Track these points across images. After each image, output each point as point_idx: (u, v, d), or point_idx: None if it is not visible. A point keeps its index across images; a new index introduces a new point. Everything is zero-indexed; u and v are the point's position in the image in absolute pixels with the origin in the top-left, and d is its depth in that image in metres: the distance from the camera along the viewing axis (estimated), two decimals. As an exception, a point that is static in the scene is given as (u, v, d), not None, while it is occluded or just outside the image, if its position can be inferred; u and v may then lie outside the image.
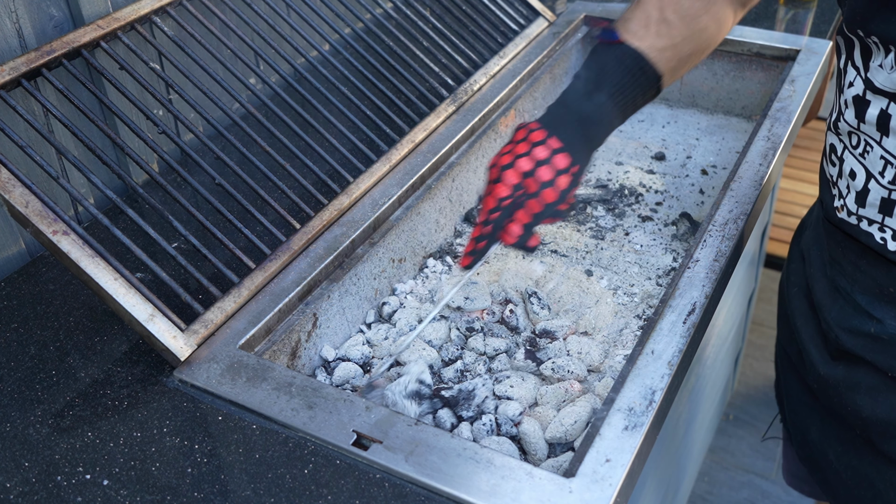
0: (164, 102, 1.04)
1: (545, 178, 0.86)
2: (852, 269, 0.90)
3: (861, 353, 0.91)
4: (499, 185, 0.88)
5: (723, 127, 1.46)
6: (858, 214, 0.86)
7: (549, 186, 0.87)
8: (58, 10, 1.03)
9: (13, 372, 0.89)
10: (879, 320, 0.88)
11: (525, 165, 0.87)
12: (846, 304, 0.92)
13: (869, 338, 0.90)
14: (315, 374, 0.99)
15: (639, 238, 1.21)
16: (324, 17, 1.25)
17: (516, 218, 0.88)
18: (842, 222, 0.89)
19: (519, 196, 0.88)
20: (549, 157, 0.86)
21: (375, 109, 1.23)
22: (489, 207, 0.89)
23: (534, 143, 0.87)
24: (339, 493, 0.74)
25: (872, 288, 0.88)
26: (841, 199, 0.89)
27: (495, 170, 0.89)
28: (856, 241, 0.88)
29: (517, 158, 0.87)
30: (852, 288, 0.91)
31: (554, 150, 0.87)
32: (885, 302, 0.88)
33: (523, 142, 0.88)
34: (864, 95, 0.81)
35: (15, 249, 1.04)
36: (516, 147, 0.88)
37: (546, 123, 0.88)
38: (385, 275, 1.09)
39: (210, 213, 1.08)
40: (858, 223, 0.87)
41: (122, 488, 0.76)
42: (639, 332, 1.04)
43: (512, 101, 1.32)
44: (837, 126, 0.88)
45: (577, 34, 1.50)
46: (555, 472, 0.78)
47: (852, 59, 0.83)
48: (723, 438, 2.09)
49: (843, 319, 0.92)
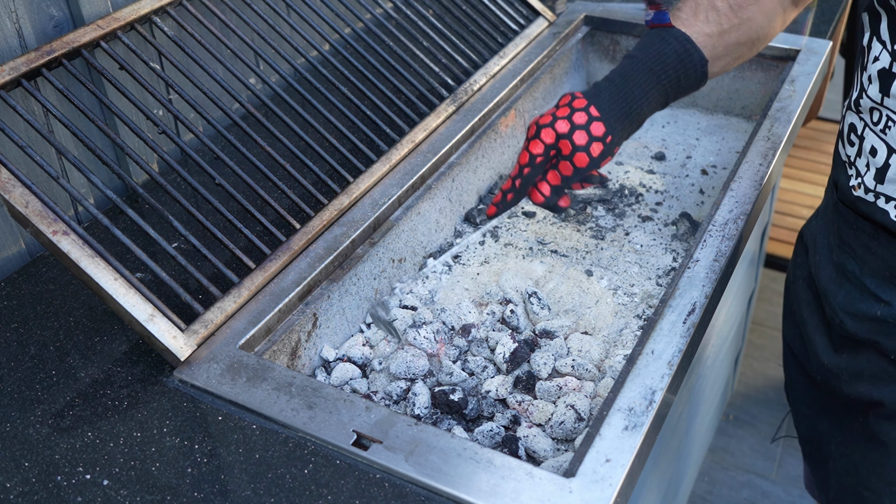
0: (164, 102, 1.04)
1: (579, 143, 0.91)
2: (863, 251, 0.91)
3: (866, 337, 0.92)
4: (534, 141, 0.93)
5: (723, 127, 1.46)
6: (876, 191, 0.87)
7: (582, 151, 0.91)
8: (58, 10, 1.03)
9: (13, 372, 0.89)
10: (888, 303, 0.90)
11: (562, 127, 0.92)
12: (853, 287, 0.93)
13: (875, 321, 0.91)
14: (315, 374, 0.99)
15: (639, 238, 1.21)
16: (324, 17, 1.25)
17: (547, 178, 0.94)
18: (857, 201, 0.90)
19: (553, 156, 0.93)
20: (586, 123, 0.91)
21: (375, 109, 1.23)
22: (522, 162, 0.94)
23: (574, 108, 0.92)
24: (339, 493, 0.74)
25: (883, 270, 0.90)
26: (858, 178, 0.90)
27: (534, 127, 0.93)
28: (869, 221, 0.89)
29: (556, 120, 0.92)
30: (861, 271, 0.92)
31: (592, 117, 0.91)
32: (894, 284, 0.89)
33: (565, 106, 0.93)
34: (891, 68, 0.82)
35: (15, 249, 1.04)
36: (558, 111, 0.93)
37: (589, 95, 0.93)
38: (385, 275, 1.09)
39: (210, 213, 1.08)
40: (875, 200, 0.88)
41: (122, 488, 0.76)
42: (639, 332, 1.04)
43: (512, 101, 1.32)
44: (859, 104, 0.89)
45: (577, 34, 1.50)
46: (555, 472, 0.78)
47: (878, 34, 0.84)
48: (723, 438, 2.09)
49: (850, 304, 0.93)
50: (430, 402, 0.92)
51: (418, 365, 0.95)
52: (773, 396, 2.19)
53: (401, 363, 0.95)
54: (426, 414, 0.91)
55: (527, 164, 0.94)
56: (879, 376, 0.92)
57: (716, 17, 0.93)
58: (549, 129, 0.92)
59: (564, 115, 0.92)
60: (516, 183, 0.95)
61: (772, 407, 2.17)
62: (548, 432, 0.90)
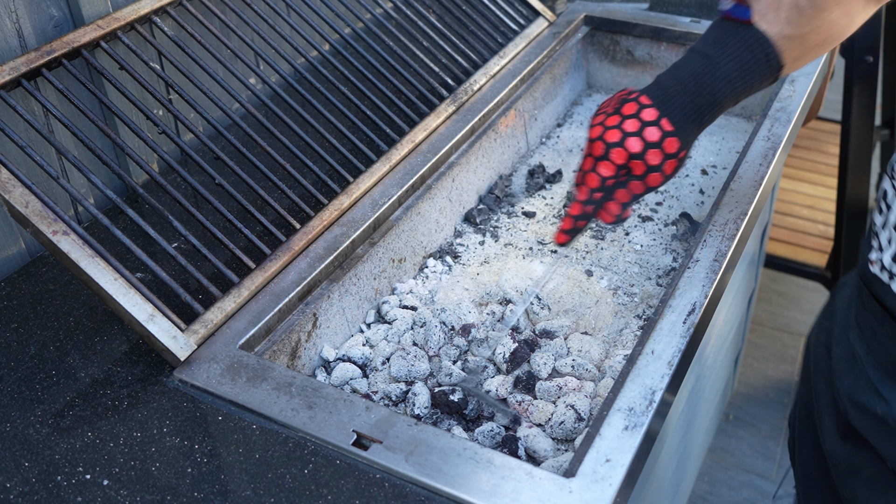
0: (164, 102, 1.04)
1: (653, 163, 0.84)
2: (871, 336, 0.85)
3: (866, 435, 0.85)
4: (604, 163, 0.85)
5: (723, 127, 1.46)
6: (891, 272, 0.81)
7: (656, 172, 0.84)
8: (58, 10, 1.03)
9: (13, 372, 0.89)
10: (887, 401, 0.83)
11: (634, 146, 0.83)
12: (860, 375, 0.86)
13: (875, 419, 0.84)
14: (315, 374, 0.99)
15: (639, 238, 1.21)
16: (324, 17, 1.25)
17: (616, 196, 0.87)
18: (873, 279, 0.83)
19: (622, 176, 0.86)
20: (660, 140, 0.83)
21: (375, 109, 1.23)
22: (593, 186, 0.86)
23: (644, 122, 0.84)
24: (339, 493, 0.74)
25: (886, 362, 0.83)
26: (878, 252, 0.83)
27: (601, 146, 0.85)
28: (880, 305, 0.83)
29: (626, 137, 0.83)
30: (867, 358, 0.85)
31: (665, 133, 0.83)
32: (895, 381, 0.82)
33: (633, 118, 0.84)
34: None
35: (15, 249, 1.04)
36: (624, 123, 0.84)
37: (658, 101, 0.84)
38: (385, 275, 1.09)
39: (210, 213, 1.08)
40: (889, 281, 0.81)
41: (122, 488, 0.76)
42: (639, 332, 1.04)
43: (512, 101, 1.32)
44: (893, 166, 0.83)
45: (577, 34, 1.50)
46: (555, 472, 0.78)
47: None
48: (723, 438, 2.09)
49: (854, 392, 0.87)
50: (430, 403, 0.92)
51: (419, 368, 0.96)
52: (773, 396, 2.19)
53: (402, 366, 0.95)
54: (426, 414, 0.91)
55: (598, 189, 0.86)
56: (878, 482, 0.85)
57: (798, 17, 0.81)
58: (620, 148, 0.83)
59: (634, 131, 0.83)
60: (587, 209, 0.87)
61: (772, 407, 2.17)
62: (548, 432, 0.90)
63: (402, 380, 0.95)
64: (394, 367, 0.96)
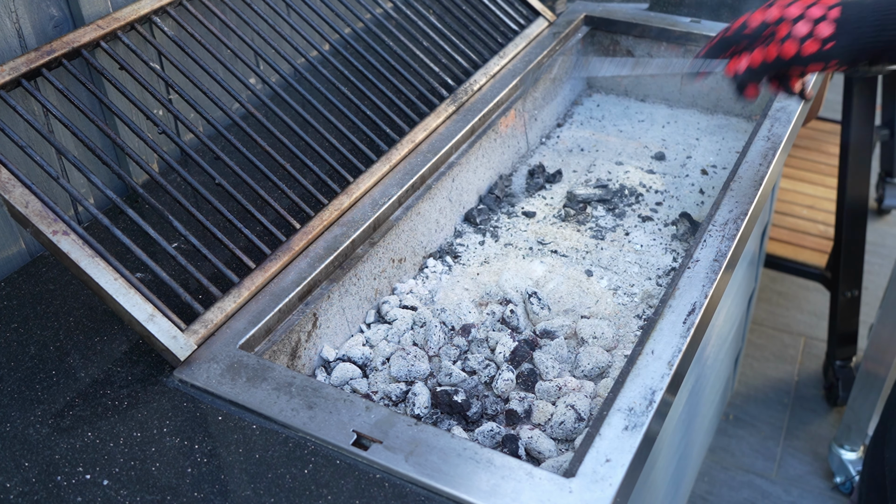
0: (164, 102, 1.04)
1: (797, 33, 0.84)
2: None
3: None
4: (756, 13, 0.88)
5: (723, 127, 1.46)
6: None
7: (793, 41, 0.85)
8: (58, 10, 1.03)
9: (13, 372, 0.89)
10: None
11: (792, 11, 0.85)
12: None
13: None
14: (315, 374, 0.99)
15: (639, 238, 1.21)
16: (324, 17, 1.25)
17: (751, 54, 0.89)
18: None
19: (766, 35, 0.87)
20: (818, 19, 0.84)
21: (375, 109, 1.23)
22: (736, 25, 0.90)
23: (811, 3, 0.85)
24: (339, 493, 0.74)
25: None
26: None
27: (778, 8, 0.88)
28: None
29: (792, 3, 0.86)
30: None
31: (824, 17, 0.84)
32: None
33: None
34: None
35: (15, 249, 1.04)
36: None
37: None
38: (385, 275, 1.09)
39: (210, 213, 1.08)
40: None
41: (122, 488, 0.76)
42: (639, 332, 1.04)
43: (512, 101, 1.32)
44: None
45: (577, 34, 1.50)
46: (555, 472, 0.78)
47: None
48: (723, 438, 2.09)
49: None
50: (430, 402, 0.92)
51: (419, 368, 0.96)
52: (773, 396, 2.19)
53: (402, 366, 0.95)
54: (426, 414, 0.91)
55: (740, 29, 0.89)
56: None
57: None
58: (776, 8, 0.86)
59: (806, 4, 0.85)
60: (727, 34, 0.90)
61: (772, 407, 2.17)
62: (548, 432, 0.90)
63: (402, 380, 0.95)
64: (394, 367, 0.96)
